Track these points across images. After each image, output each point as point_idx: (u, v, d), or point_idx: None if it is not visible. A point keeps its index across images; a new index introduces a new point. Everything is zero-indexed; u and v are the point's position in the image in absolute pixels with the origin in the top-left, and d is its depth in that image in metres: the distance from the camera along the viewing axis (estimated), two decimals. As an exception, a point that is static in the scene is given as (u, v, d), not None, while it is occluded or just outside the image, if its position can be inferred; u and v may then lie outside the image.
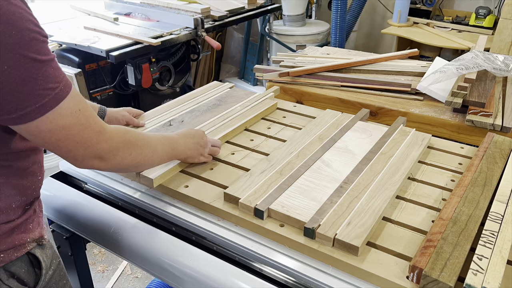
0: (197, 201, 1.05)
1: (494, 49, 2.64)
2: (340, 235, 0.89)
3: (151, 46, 2.47)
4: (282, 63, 1.93)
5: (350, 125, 1.35)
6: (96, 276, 2.31)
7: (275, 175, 1.09)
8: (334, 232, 0.90)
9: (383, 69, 1.83)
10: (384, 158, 1.16)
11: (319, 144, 1.23)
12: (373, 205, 0.97)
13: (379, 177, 1.08)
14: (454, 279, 0.78)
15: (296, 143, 1.24)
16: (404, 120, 1.38)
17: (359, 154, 1.19)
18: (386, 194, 1.01)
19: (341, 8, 3.25)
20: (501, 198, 0.99)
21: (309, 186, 1.05)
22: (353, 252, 0.87)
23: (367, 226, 0.91)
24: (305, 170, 1.11)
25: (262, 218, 0.97)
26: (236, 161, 1.20)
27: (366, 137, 1.27)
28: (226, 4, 3.12)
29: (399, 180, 1.07)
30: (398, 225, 0.97)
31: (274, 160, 1.16)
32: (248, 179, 1.07)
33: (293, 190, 1.03)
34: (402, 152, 1.19)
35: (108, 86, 2.69)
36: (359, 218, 0.93)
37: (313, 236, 0.91)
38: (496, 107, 1.49)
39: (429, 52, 3.48)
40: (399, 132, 1.29)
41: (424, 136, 1.27)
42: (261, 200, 0.99)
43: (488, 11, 3.21)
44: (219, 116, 1.39)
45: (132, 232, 1.09)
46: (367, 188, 1.04)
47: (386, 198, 1.00)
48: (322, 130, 1.31)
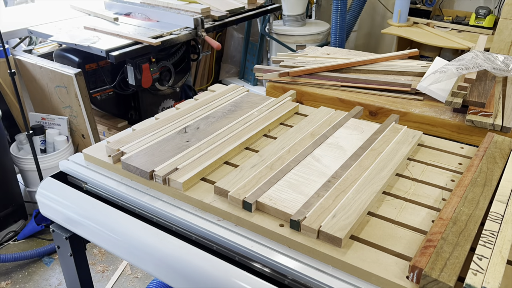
0: (197, 201, 1.05)
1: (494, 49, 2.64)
2: (324, 227, 0.91)
3: (151, 46, 2.47)
4: (282, 63, 1.93)
5: (342, 122, 1.36)
6: (96, 276, 2.31)
7: (265, 169, 1.11)
8: (319, 224, 0.92)
9: (383, 69, 1.83)
10: (373, 154, 1.17)
11: (311, 140, 1.25)
12: (359, 199, 0.99)
13: (367, 173, 1.09)
14: (454, 279, 0.78)
15: (288, 139, 1.26)
16: (397, 117, 1.39)
17: (349, 150, 1.21)
18: (373, 189, 1.03)
19: (341, 8, 3.25)
20: (501, 198, 0.99)
21: (297, 180, 1.07)
22: (336, 244, 0.89)
23: (351, 219, 0.93)
24: (295, 165, 1.13)
25: (250, 211, 0.99)
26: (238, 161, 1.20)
27: (358, 134, 1.29)
28: (226, 4, 3.12)
29: (387, 175, 1.08)
30: (398, 225, 0.97)
31: (265, 155, 1.18)
32: (239, 173, 1.10)
33: (282, 184, 1.06)
34: (392, 149, 1.20)
35: (108, 86, 2.69)
36: (344, 211, 0.95)
37: (299, 228, 0.93)
38: (496, 107, 1.49)
39: (429, 52, 3.48)
40: (390, 129, 1.30)
41: (415, 133, 1.28)
42: (249, 193, 1.01)
43: (488, 11, 3.21)
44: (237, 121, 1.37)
45: (132, 232, 1.09)
46: (355, 183, 1.05)
47: (372, 192, 1.02)
48: (314, 127, 1.32)
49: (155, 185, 1.12)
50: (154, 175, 1.11)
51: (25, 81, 2.75)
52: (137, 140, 1.25)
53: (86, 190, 1.23)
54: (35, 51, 2.89)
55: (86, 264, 1.36)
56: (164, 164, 1.13)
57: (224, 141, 1.25)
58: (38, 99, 2.73)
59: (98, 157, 1.22)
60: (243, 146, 1.27)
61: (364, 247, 0.90)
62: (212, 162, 1.15)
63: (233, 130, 1.31)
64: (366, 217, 0.99)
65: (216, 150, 1.21)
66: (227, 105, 1.49)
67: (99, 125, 2.85)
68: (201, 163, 1.14)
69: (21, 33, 2.79)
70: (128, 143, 1.24)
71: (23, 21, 2.85)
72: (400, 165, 1.15)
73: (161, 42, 2.51)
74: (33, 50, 2.90)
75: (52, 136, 2.64)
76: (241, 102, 1.51)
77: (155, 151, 1.20)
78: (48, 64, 2.54)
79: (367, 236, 0.93)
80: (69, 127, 2.64)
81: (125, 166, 1.16)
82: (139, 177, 1.14)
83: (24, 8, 3.29)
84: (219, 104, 1.50)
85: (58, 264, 2.40)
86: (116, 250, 1.12)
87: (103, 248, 1.16)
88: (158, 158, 1.16)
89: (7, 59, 2.25)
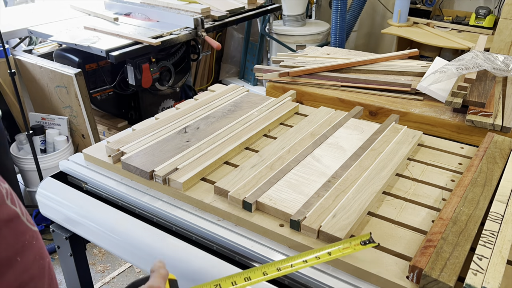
0: (197, 201, 1.05)
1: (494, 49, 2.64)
2: (324, 227, 0.91)
3: (151, 46, 2.47)
4: (282, 63, 1.93)
5: (342, 122, 1.36)
6: (96, 276, 2.31)
7: (265, 169, 1.11)
8: (319, 224, 0.92)
9: (383, 69, 1.83)
10: (373, 154, 1.17)
11: (311, 140, 1.25)
12: (359, 199, 0.99)
13: (367, 173, 1.09)
14: (454, 279, 0.77)
15: (288, 139, 1.26)
16: (397, 117, 1.39)
17: (349, 150, 1.21)
18: (373, 189, 1.03)
19: (341, 8, 3.25)
20: (501, 198, 0.99)
21: (297, 180, 1.07)
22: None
23: (351, 219, 0.93)
24: (295, 165, 1.13)
25: (250, 211, 0.99)
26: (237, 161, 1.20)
27: (358, 134, 1.29)
28: (226, 4, 3.12)
29: (387, 175, 1.08)
30: (398, 225, 0.97)
31: (265, 155, 1.18)
32: (239, 173, 1.10)
33: (281, 184, 1.05)
34: (392, 149, 1.20)
35: (108, 86, 2.69)
36: (344, 211, 0.95)
37: (299, 228, 0.93)
38: (496, 107, 1.49)
39: (429, 52, 3.48)
40: (390, 129, 1.30)
41: (415, 133, 1.28)
42: (249, 193, 1.01)
43: (488, 11, 3.21)
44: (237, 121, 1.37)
45: (132, 232, 1.09)
46: (355, 183, 1.05)
47: (372, 192, 1.02)
48: (314, 127, 1.32)
49: (155, 185, 1.12)
50: (154, 175, 1.11)
51: (25, 81, 2.74)
52: (137, 140, 1.25)
53: (86, 190, 1.23)
54: (35, 51, 2.88)
55: (86, 264, 1.36)
56: (164, 164, 1.13)
57: (224, 141, 1.25)
58: (38, 99, 2.73)
59: (98, 157, 1.22)
60: (243, 146, 1.27)
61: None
62: (212, 162, 1.15)
63: (233, 130, 1.31)
64: (366, 217, 0.99)
65: (216, 150, 1.21)
66: (227, 105, 1.49)
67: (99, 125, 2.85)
68: (201, 163, 1.14)
69: (21, 33, 2.79)
70: (128, 143, 1.24)
71: (23, 21, 2.85)
72: (400, 165, 1.15)
73: (161, 42, 2.51)
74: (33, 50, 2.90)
75: (52, 136, 2.64)
76: (241, 102, 1.51)
77: (155, 151, 1.20)
78: (48, 64, 2.54)
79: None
80: (69, 127, 2.64)
81: (125, 166, 1.16)
82: (139, 177, 1.14)
83: (24, 8, 3.29)
84: (219, 104, 1.50)
85: (58, 264, 2.40)
86: (116, 250, 1.12)
87: (103, 248, 1.15)
88: (158, 158, 1.16)
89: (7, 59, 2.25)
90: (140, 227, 1.09)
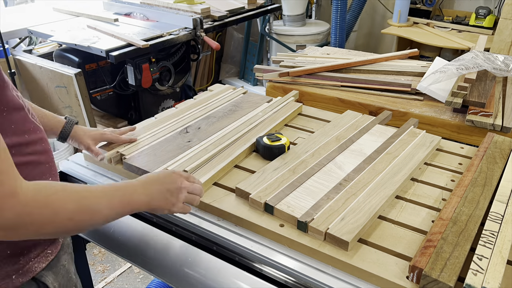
0: (197, 201, 1.05)
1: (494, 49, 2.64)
2: (331, 230, 0.90)
3: (151, 46, 2.47)
4: (282, 63, 1.93)
5: (369, 127, 1.33)
6: (96, 276, 2.31)
7: (288, 173, 1.09)
8: (327, 226, 0.91)
9: (383, 69, 1.83)
10: (388, 158, 1.16)
11: (336, 144, 1.23)
12: (369, 203, 0.98)
13: (380, 176, 1.08)
14: (454, 279, 0.78)
15: (313, 143, 1.24)
16: (416, 121, 1.37)
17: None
18: (385, 193, 1.02)
19: (341, 8, 3.25)
20: (501, 198, 0.99)
21: (318, 188, 1.05)
22: (343, 247, 0.88)
23: (360, 223, 0.92)
24: (317, 170, 1.11)
25: (272, 214, 0.98)
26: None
27: (382, 141, 1.26)
28: (226, 4, 3.12)
29: (400, 180, 1.07)
30: (398, 225, 0.97)
31: (288, 158, 1.16)
32: (261, 175, 1.09)
33: (301, 191, 1.03)
34: (408, 153, 1.18)
35: (108, 86, 2.69)
36: (353, 214, 0.94)
37: (306, 230, 0.92)
38: (496, 107, 1.49)
39: (429, 52, 3.48)
40: (408, 133, 1.28)
41: (433, 138, 1.26)
42: (271, 197, 1.00)
43: (488, 11, 3.21)
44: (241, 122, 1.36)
45: (132, 232, 1.09)
46: (366, 186, 1.04)
47: (383, 197, 1.00)
48: (340, 131, 1.30)
49: (155, 185, 1.12)
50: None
51: (25, 81, 2.74)
52: (137, 140, 1.25)
53: (86, 190, 1.23)
54: (35, 51, 2.88)
55: (86, 264, 1.36)
56: (166, 164, 1.13)
57: (233, 143, 1.24)
58: (38, 99, 2.73)
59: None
60: (252, 149, 1.26)
61: (364, 247, 0.90)
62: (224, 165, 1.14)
63: (239, 131, 1.30)
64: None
65: (227, 152, 1.19)
66: (228, 105, 1.49)
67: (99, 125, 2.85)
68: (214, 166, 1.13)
69: (21, 33, 2.79)
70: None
71: (23, 21, 2.85)
72: (415, 169, 1.13)
73: (161, 42, 2.51)
74: (33, 50, 2.90)
75: (52, 136, 2.64)
76: (241, 102, 1.51)
77: (156, 151, 1.20)
78: (48, 64, 2.54)
79: (367, 236, 0.93)
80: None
81: (126, 166, 1.16)
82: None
83: (24, 8, 3.29)
84: (219, 104, 1.50)
85: (58, 264, 2.39)
86: (116, 250, 1.12)
87: (103, 248, 1.15)
88: (160, 158, 1.16)
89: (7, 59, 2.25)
90: (140, 227, 1.09)
